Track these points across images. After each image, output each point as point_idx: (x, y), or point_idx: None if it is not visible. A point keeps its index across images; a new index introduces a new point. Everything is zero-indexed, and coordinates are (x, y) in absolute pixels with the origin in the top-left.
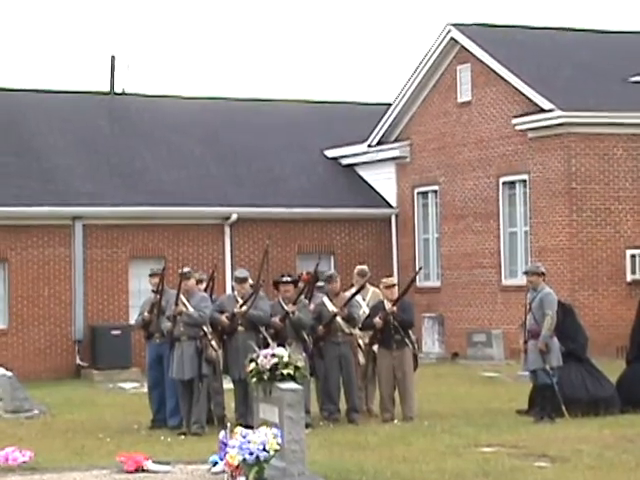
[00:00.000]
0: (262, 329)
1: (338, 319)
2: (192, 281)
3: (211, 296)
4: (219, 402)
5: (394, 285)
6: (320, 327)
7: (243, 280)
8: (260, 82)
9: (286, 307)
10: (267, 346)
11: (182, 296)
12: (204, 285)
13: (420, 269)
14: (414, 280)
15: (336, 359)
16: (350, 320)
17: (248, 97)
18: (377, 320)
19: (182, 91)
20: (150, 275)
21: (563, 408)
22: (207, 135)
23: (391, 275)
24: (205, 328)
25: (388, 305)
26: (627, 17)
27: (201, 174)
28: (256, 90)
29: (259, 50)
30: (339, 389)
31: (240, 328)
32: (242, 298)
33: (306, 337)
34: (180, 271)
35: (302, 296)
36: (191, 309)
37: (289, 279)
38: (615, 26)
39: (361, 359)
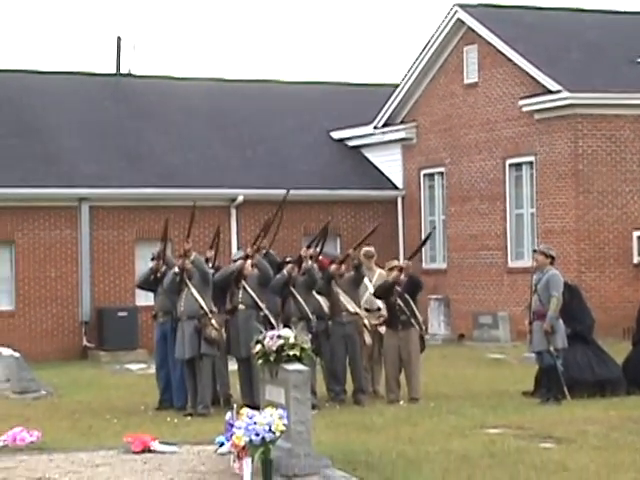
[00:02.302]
0: (263, 306)
1: (342, 299)
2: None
3: (215, 259)
4: (224, 382)
5: (397, 267)
6: (334, 266)
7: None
8: (267, 63)
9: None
10: (269, 324)
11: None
12: (212, 252)
13: (434, 228)
14: (427, 240)
15: (342, 339)
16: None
17: (255, 78)
18: (395, 274)
19: (189, 72)
20: (152, 259)
21: (565, 390)
22: (214, 117)
23: (396, 258)
24: (205, 307)
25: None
26: None
27: (207, 156)
28: (263, 71)
29: (266, 31)
30: (345, 370)
31: (241, 306)
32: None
33: (310, 315)
34: (183, 248)
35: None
36: (193, 289)
37: (290, 259)
38: (623, 7)
39: (367, 339)
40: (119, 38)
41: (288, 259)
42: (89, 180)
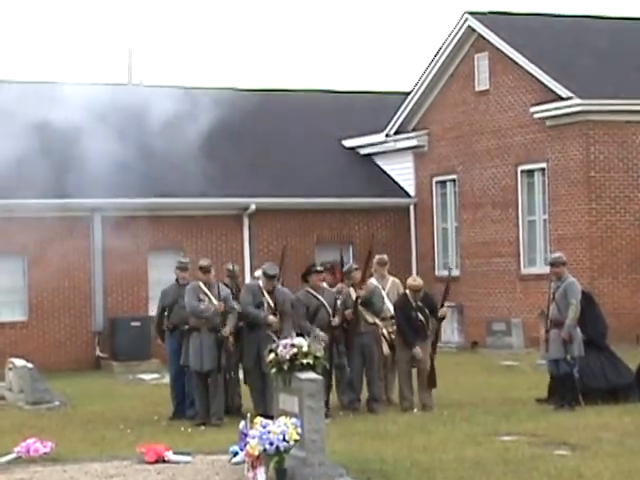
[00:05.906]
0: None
1: (360, 308)
2: (212, 273)
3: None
4: (236, 392)
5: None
6: (348, 311)
7: (272, 277)
8: (278, 72)
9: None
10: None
11: (203, 286)
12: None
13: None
14: (448, 288)
15: (359, 349)
16: (368, 305)
17: (266, 87)
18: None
19: (200, 82)
20: (179, 268)
21: (580, 397)
22: (225, 125)
23: (409, 264)
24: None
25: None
26: None
27: (219, 164)
28: (274, 80)
29: (277, 40)
30: (361, 379)
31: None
32: (268, 292)
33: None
34: (201, 264)
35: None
36: (215, 300)
37: (321, 268)
38: (634, 13)
39: (385, 349)
40: (130, 49)
41: (319, 268)
42: (102, 190)
